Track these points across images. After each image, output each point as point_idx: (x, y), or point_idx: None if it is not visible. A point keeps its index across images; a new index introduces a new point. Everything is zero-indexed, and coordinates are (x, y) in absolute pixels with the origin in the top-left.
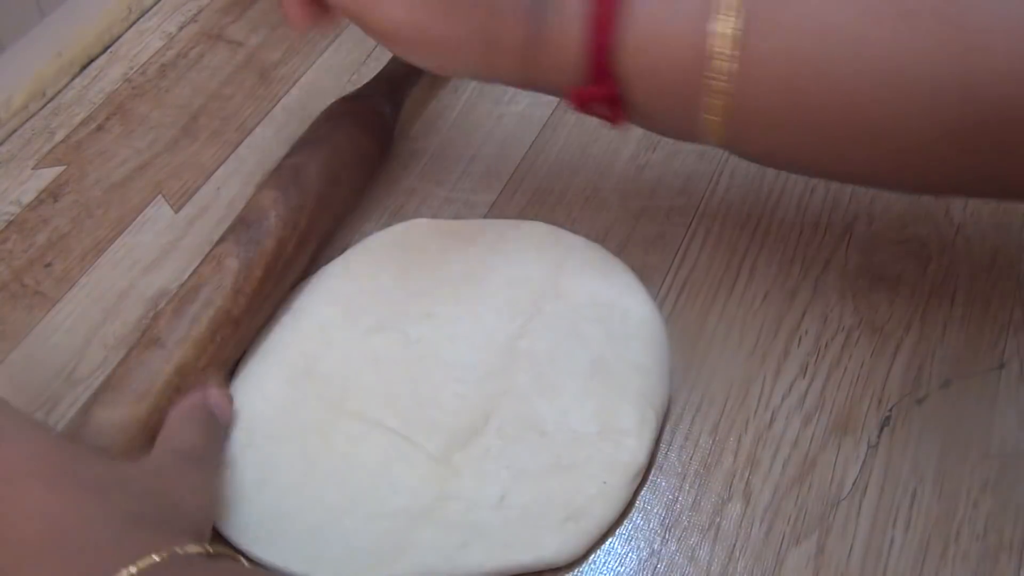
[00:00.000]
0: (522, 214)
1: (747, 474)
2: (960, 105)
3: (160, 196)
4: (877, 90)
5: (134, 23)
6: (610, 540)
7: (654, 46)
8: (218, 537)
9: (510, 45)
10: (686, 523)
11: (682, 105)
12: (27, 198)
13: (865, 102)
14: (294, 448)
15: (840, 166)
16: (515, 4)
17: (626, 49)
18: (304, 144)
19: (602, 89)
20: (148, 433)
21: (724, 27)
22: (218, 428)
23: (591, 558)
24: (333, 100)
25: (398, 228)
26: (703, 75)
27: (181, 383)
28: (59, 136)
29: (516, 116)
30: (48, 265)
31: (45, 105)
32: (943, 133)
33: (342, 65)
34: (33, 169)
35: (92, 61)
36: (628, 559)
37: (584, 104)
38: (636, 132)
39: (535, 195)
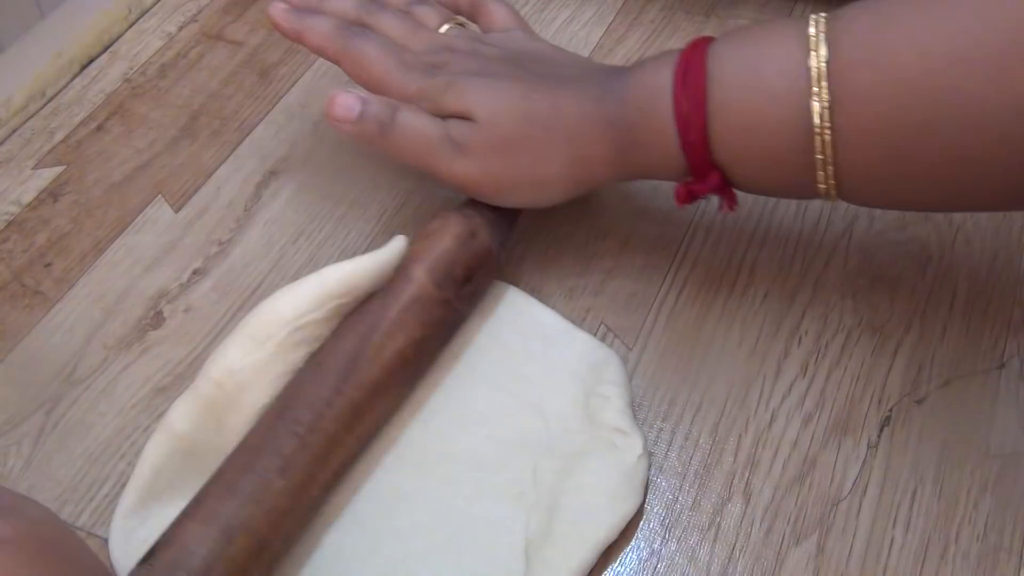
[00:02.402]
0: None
1: (747, 474)
2: None
3: (160, 196)
4: (979, 141)
5: (134, 23)
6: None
7: (750, 134)
8: None
9: (601, 162)
10: (686, 523)
11: (788, 177)
12: (27, 198)
13: (969, 154)
14: None
15: (956, 204)
16: (598, 126)
17: (722, 140)
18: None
19: (709, 182)
20: None
21: (819, 102)
22: None
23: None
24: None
25: None
26: (805, 151)
27: None
28: (59, 136)
29: None
30: (48, 265)
31: (45, 105)
32: None
33: None
34: (33, 169)
35: (92, 61)
36: (628, 559)
37: (693, 199)
38: None
39: None
